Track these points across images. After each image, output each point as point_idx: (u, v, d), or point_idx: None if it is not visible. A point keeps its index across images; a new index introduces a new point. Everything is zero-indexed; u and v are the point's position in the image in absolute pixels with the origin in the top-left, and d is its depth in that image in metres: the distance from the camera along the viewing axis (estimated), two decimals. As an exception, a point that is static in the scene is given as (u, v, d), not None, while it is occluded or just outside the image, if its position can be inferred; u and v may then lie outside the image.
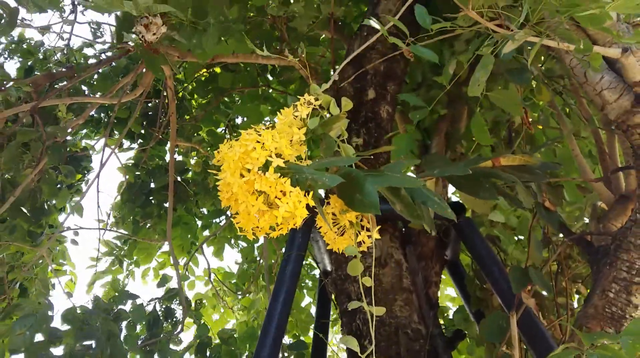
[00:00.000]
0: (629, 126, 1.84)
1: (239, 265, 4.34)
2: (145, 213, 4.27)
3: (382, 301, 2.49)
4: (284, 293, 2.32)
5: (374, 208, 1.34)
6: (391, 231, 2.71)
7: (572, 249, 2.73)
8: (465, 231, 2.55)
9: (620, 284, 1.77)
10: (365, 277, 1.43)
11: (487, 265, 2.38)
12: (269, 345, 2.17)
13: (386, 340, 2.38)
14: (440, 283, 2.81)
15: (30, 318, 2.66)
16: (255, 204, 1.17)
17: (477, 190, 1.81)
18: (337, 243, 1.47)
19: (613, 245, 1.85)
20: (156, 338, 2.96)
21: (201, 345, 2.98)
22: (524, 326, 2.01)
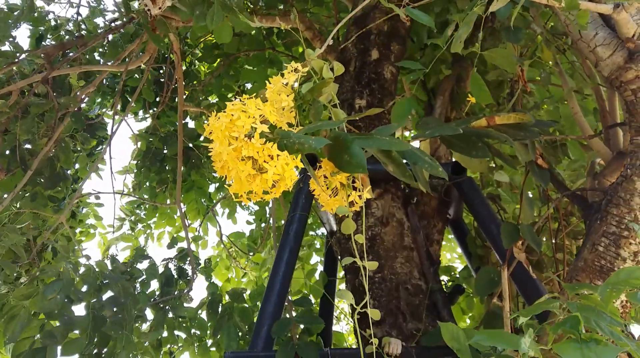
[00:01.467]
0: (622, 82, 1.84)
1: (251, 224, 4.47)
2: (161, 180, 4.40)
3: (383, 259, 2.58)
4: (287, 253, 2.42)
5: (361, 168, 1.40)
6: (393, 192, 2.77)
7: (574, 206, 2.76)
8: (465, 190, 2.60)
9: (610, 238, 1.82)
10: (358, 234, 1.50)
11: (485, 223, 2.45)
12: (273, 301, 2.28)
13: (387, 295, 2.48)
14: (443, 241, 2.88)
15: (58, 283, 2.82)
16: (245, 170, 1.24)
17: (470, 150, 1.85)
18: (330, 204, 1.54)
19: (604, 200, 1.89)
20: (169, 296, 3.11)
21: (212, 303, 3.13)
22: (517, 279, 2.08)
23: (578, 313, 1.27)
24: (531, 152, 1.93)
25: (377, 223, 2.68)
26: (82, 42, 3.88)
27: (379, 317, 1.46)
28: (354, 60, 3.23)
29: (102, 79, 3.80)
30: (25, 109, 3.55)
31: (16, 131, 3.31)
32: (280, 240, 2.50)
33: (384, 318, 2.45)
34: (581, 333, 1.18)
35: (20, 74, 3.88)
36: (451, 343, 1.57)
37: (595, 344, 1.18)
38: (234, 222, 4.54)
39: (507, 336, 1.36)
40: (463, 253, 2.95)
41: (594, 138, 2.23)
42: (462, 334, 1.59)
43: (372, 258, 2.62)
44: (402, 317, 2.43)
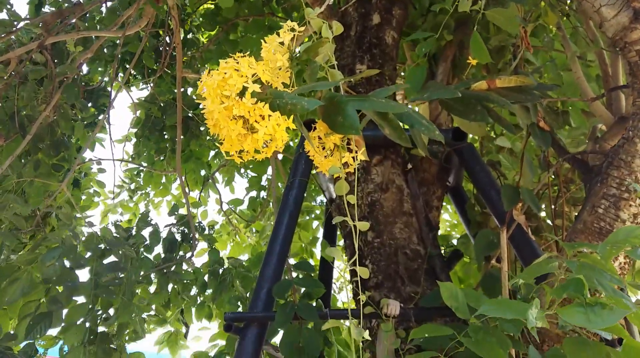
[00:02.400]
0: (626, 42, 1.81)
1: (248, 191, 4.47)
2: (160, 149, 4.39)
3: (382, 224, 2.58)
4: (287, 218, 2.42)
5: (354, 130, 1.39)
6: (393, 158, 2.76)
7: (574, 173, 2.75)
8: (465, 156, 2.58)
9: (610, 200, 1.81)
10: (350, 195, 1.50)
11: (485, 189, 2.44)
12: (273, 265, 2.30)
13: (385, 260, 2.50)
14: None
15: (57, 250, 2.86)
16: (236, 129, 1.24)
17: (469, 113, 1.84)
18: (324, 164, 1.53)
19: (605, 163, 1.87)
20: (171, 261, 3.15)
21: (214, 269, 3.17)
22: (515, 242, 2.09)
23: (582, 276, 1.27)
24: (532, 115, 1.91)
25: (377, 189, 2.68)
26: (80, 9, 3.83)
27: (367, 275, 1.47)
28: (355, 24, 3.18)
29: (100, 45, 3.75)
30: (24, 77, 3.53)
31: (15, 98, 3.29)
32: (280, 205, 2.51)
33: (382, 282, 2.47)
34: (586, 297, 1.18)
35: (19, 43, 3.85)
36: (449, 302, 1.58)
37: (601, 308, 1.18)
38: (231, 191, 4.56)
39: (513, 305, 1.37)
40: (462, 220, 2.95)
41: (595, 103, 2.20)
42: (460, 293, 1.60)
43: (372, 225, 2.62)
44: (400, 281, 2.45)
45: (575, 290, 1.20)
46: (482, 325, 1.57)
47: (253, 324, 2.20)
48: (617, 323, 1.59)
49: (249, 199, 4.45)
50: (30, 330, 2.73)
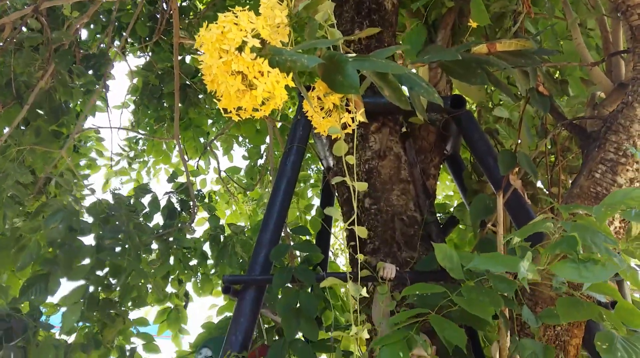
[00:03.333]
0: (629, 6, 1.79)
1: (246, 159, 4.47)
2: (158, 117, 4.37)
3: (379, 191, 2.60)
4: (284, 184, 2.44)
5: (353, 89, 1.38)
6: (391, 126, 2.75)
7: (571, 141, 2.75)
8: (464, 123, 2.58)
9: (607, 165, 1.82)
10: (349, 156, 1.51)
11: (482, 156, 2.45)
12: (271, 229, 2.32)
13: (382, 226, 2.52)
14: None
15: (59, 213, 2.87)
16: (234, 85, 1.23)
17: (469, 76, 1.82)
18: (322, 125, 1.53)
19: (603, 128, 1.88)
20: (172, 228, 3.17)
21: (214, 235, 3.20)
22: (511, 207, 2.11)
23: (575, 234, 1.29)
24: (532, 79, 1.90)
25: (375, 156, 2.68)
26: (75, -26, 3.76)
27: (365, 235, 1.49)
28: (354, -11, 3.13)
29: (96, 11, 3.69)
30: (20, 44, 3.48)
31: (11, 65, 3.26)
32: (278, 170, 2.51)
33: (379, 248, 2.50)
34: (578, 253, 1.20)
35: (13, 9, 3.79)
36: (444, 263, 1.60)
37: (593, 264, 1.20)
38: (229, 159, 4.56)
39: (504, 258, 1.39)
40: (458, 188, 2.97)
41: (595, 70, 2.19)
42: (454, 254, 1.62)
43: (369, 191, 2.64)
44: (396, 246, 2.48)
45: (569, 246, 1.22)
46: (476, 285, 1.60)
47: (251, 287, 2.23)
48: (610, 285, 1.62)
49: (247, 168, 4.46)
50: (25, 291, 2.77)
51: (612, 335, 1.38)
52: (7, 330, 2.66)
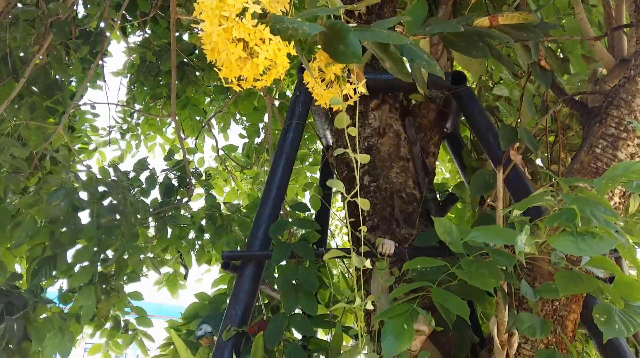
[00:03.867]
0: (634, -21, 1.77)
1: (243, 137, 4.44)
2: (155, 95, 4.33)
3: (379, 169, 2.59)
4: (283, 160, 2.42)
5: (356, 58, 1.36)
6: (391, 103, 2.74)
7: (572, 119, 2.74)
8: (464, 100, 2.56)
9: (608, 140, 1.82)
10: (351, 127, 1.49)
11: (482, 132, 2.43)
12: (270, 205, 2.32)
13: (381, 203, 2.52)
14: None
15: (61, 190, 2.86)
16: (235, 52, 1.21)
17: (470, 49, 1.80)
18: (324, 96, 1.52)
19: (604, 103, 1.87)
20: (168, 206, 3.17)
21: (211, 214, 3.19)
22: (511, 183, 2.10)
23: (574, 206, 1.28)
24: (534, 53, 1.88)
25: (374, 134, 2.67)
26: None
27: (368, 207, 1.48)
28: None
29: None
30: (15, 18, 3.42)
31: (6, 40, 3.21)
32: (277, 147, 2.50)
33: (377, 225, 2.50)
34: (577, 226, 1.20)
35: (7, -17, 3.71)
36: (443, 237, 1.60)
37: (591, 237, 1.19)
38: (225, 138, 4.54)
39: (502, 231, 1.38)
40: (458, 166, 2.96)
41: (597, 46, 2.17)
42: (454, 228, 1.62)
43: (369, 168, 2.63)
44: (395, 224, 2.48)
45: (567, 219, 1.22)
46: (476, 259, 1.60)
47: (250, 262, 2.23)
48: (608, 259, 1.62)
49: (245, 146, 4.44)
50: (36, 274, 2.78)
51: (611, 308, 1.38)
52: (7, 305, 2.67)
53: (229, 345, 2.04)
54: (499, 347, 1.86)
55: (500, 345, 1.86)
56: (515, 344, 1.88)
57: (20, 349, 2.54)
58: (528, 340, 1.90)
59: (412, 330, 1.38)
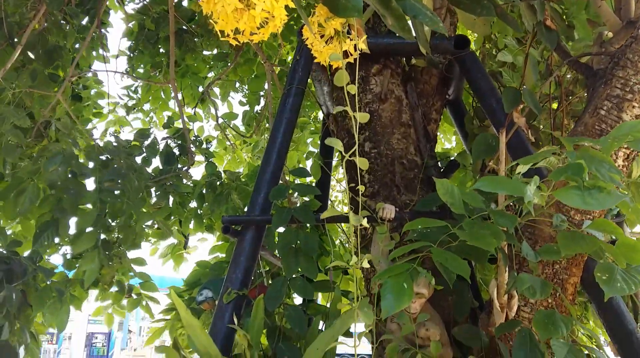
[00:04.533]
0: None
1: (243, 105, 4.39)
2: (155, 63, 4.28)
3: (380, 135, 2.57)
4: (284, 125, 2.40)
5: (357, 12, 1.33)
6: (393, 68, 2.69)
7: (575, 85, 2.70)
8: (467, 64, 2.52)
9: (613, 101, 1.78)
10: (351, 85, 1.46)
11: (485, 96, 2.40)
12: (270, 170, 2.30)
13: (382, 170, 2.50)
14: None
15: (58, 157, 2.84)
16: (231, 3, 1.17)
17: (475, 7, 1.76)
18: (323, 53, 1.48)
19: (610, 64, 1.83)
20: (169, 173, 3.15)
21: (211, 181, 3.18)
22: (513, 147, 2.08)
23: (582, 161, 1.26)
24: (539, 12, 1.84)
25: (375, 100, 2.63)
26: None
27: (366, 166, 1.46)
28: None
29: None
30: (10, -16, 3.35)
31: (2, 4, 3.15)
32: (277, 112, 2.47)
33: (378, 191, 2.49)
34: (584, 180, 1.18)
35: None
36: (445, 198, 1.58)
37: (598, 191, 1.18)
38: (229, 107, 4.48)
39: (509, 182, 1.36)
40: (459, 133, 2.93)
41: (604, 7, 2.11)
42: (456, 190, 1.60)
43: (369, 135, 2.60)
44: (396, 190, 2.47)
45: (574, 172, 1.20)
46: (476, 220, 1.58)
47: (250, 227, 2.23)
48: (611, 222, 1.61)
49: (244, 114, 4.39)
50: (37, 239, 2.78)
51: (612, 267, 1.38)
52: (7, 272, 2.68)
53: (230, 308, 2.05)
54: (498, 309, 1.87)
55: (500, 308, 1.87)
56: (514, 307, 1.89)
57: (21, 315, 2.56)
58: (527, 302, 1.91)
59: (411, 290, 1.38)
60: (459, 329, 1.94)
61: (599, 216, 1.83)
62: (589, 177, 1.27)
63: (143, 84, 4.42)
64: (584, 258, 1.92)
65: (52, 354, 19.06)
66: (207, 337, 1.77)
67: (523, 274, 1.57)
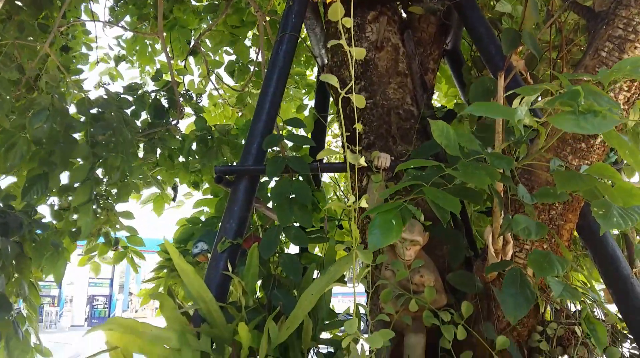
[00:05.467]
0: None
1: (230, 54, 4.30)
2: (141, 15, 4.15)
3: (376, 85, 2.51)
4: (277, 73, 2.34)
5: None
6: (389, 15, 2.61)
7: (576, 34, 2.63)
8: (466, 10, 2.45)
9: (614, 42, 1.73)
10: (346, 18, 1.40)
11: (484, 44, 2.34)
12: (263, 120, 2.26)
13: (378, 120, 2.46)
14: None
15: (44, 111, 2.78)
16: None
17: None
18: (315, -12, 1.42)
19: (613, 4, 1.77)
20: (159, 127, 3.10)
21: (201, 136, 3.13)
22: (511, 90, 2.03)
23: (579, 87, 1.22)
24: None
25: (372, 48, 2.57)
26: None
27: (363, 104, 1.42)
28: None
29: None
30: None
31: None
32: (269, 60, 2.41)
33: (373, 142, 2.45)
34: (580, 104, 1.14)
35: None
36: (440, 140, 1.55)
37: (593, 116, 1.14)
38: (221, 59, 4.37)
39: (502, 107, 1.33)
40: (457, 84, 2.88)
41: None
42: (452, 131, 1.57)
43: (365, 84, 2.55)
44: (392, 140, 2.43)
45: (570, 98, 1.16)
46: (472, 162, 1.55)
47: (244, 177, 2.20)
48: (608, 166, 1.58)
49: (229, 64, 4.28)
50: (27, 192, 2.74)
51: (609, 203, 1.36)
52: (2, 226, 2.66)
53: (224, 257, 2.04)
54: (493, 255, 1.86)
55: (495, 253, 1.86)
56: (509, 252, 1.88)
57: (18, 266, 2.56)
58: (522, 248, 1.91)
59: (400, 227, 1.36)
60: (454, 275, 1.94)
61: (597, 161, 1.81)
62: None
63: (130, 37, 4.29)
64: (580, 204, 1.91)
65: (54, 316, 19.44)
66: (201, 281, 1.77)
67: (518, 215, 1.56)
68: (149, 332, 1.70)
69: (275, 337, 1.74)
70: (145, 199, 3.63)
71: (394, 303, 1.91)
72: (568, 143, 1.82)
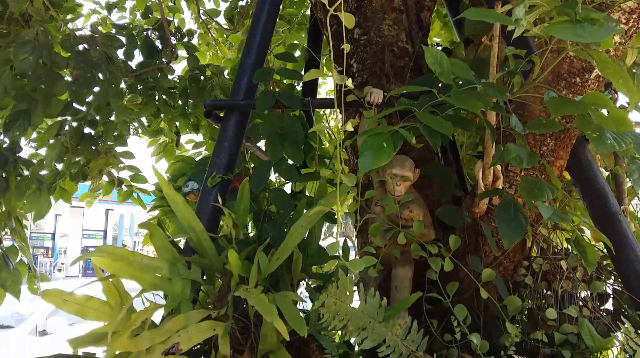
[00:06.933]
0: None
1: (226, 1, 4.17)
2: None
3: (370, 21, 2.45)
4: (268, 5, 2.26)
5: None
6: (386, -52, 2.52)
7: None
8: (464, -56, 2.36)
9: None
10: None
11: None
12: (254, 54, 2.20)
13: (372, 58, 2.41)
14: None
15: (29, 43, 2.69)
16: None
17: None
18: None
19: None
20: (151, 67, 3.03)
21: (193, 76, 3.07)
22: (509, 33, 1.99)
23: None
24: None
25: (366, -18, 2.48)
26: None
27: (353, 24, 1.38)
28: None
29: None
30: None
31: None
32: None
33: (367, 80, 2.41)
34: (577, 12, 1.11)
35: None
36: (433, 67, 1.52)
37: (590, 24, 1.11)
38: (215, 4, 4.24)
39: (496, 13, 1.30)
40: (453, 24, 2.82)
41: None
42: (445, 58, 1.54)
43: (359, 20, 2.48)
44: (385, 79, 2.39)
45: (567, 6, 1.13)
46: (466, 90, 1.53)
47: (234, 112, 2.17)
48: (602, 94, 1.56)
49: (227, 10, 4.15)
50: (9, 128, 2.70)
51: (603, 127, 1.35)
52: (-13, 161, 2.63)
53: (215, 191, 2.03)
54: (483, 190, 1.87)
55: (485, 189, 1.86)
56: (499, 187, 1.89)
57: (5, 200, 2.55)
58: (512, 184, 1.91)
59: (391, 150, 1.35)
60: (443, 209, 1.95)
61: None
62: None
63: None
64: (572, 141, 1.90)
65: (49, 267, 19.65)
66: (191, 211, 1.76)
67: (510, 144, 1.55)
68: (140, 260, 1.71)
69: (266, 266, 1.75)
70: (156, 150, 3.61)
71: (382, 237, 1.92)
72: (562, 77, 1.79)
